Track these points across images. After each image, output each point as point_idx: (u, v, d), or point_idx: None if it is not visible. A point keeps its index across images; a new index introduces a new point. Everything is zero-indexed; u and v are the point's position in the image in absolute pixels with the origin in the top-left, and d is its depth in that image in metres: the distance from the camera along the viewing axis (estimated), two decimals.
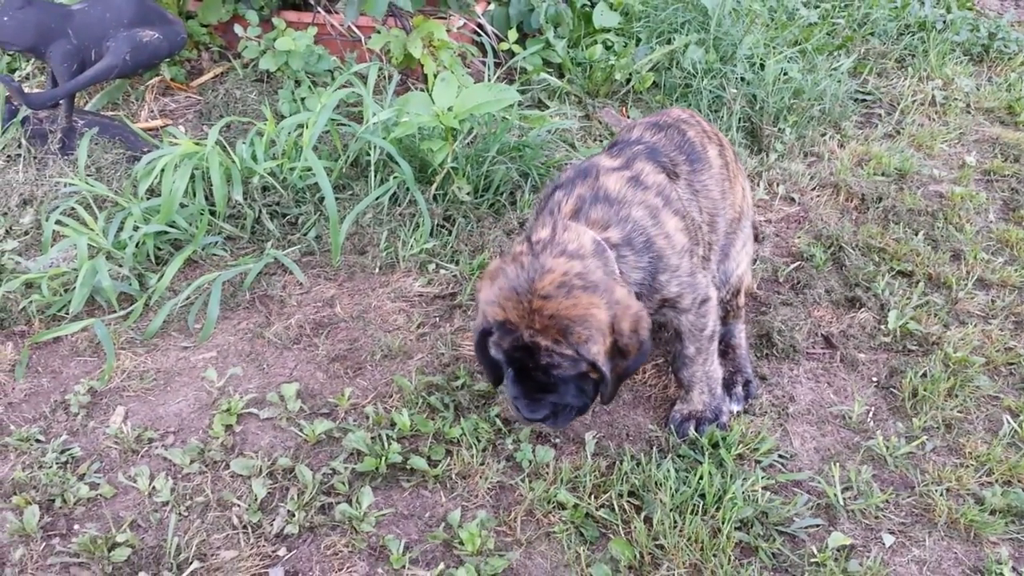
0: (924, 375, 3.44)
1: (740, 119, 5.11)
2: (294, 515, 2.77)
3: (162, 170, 3.78)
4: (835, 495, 2.93)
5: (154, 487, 2.85)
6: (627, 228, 2.78)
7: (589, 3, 5.79)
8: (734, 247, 3.29)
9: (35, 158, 4.30)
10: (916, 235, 4.31)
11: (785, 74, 5.36)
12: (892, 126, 5.47)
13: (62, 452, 2.96)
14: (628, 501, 2.87)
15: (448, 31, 5.09)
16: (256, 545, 2.70)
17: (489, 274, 2.75)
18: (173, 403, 3.21)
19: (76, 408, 3.14)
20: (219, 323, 3.58)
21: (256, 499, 2.82)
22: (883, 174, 4.88)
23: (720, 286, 3.24)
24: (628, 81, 5.44)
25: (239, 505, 2.81)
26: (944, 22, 6.75)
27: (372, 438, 3.05)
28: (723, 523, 2.76)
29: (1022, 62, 6.47)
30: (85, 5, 4.27)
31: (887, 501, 2.94)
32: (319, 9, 5.21)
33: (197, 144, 3.90)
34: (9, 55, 5.26)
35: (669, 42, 5.56)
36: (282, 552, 2.69)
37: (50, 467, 2.88)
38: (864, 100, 5.78)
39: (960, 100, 5.83)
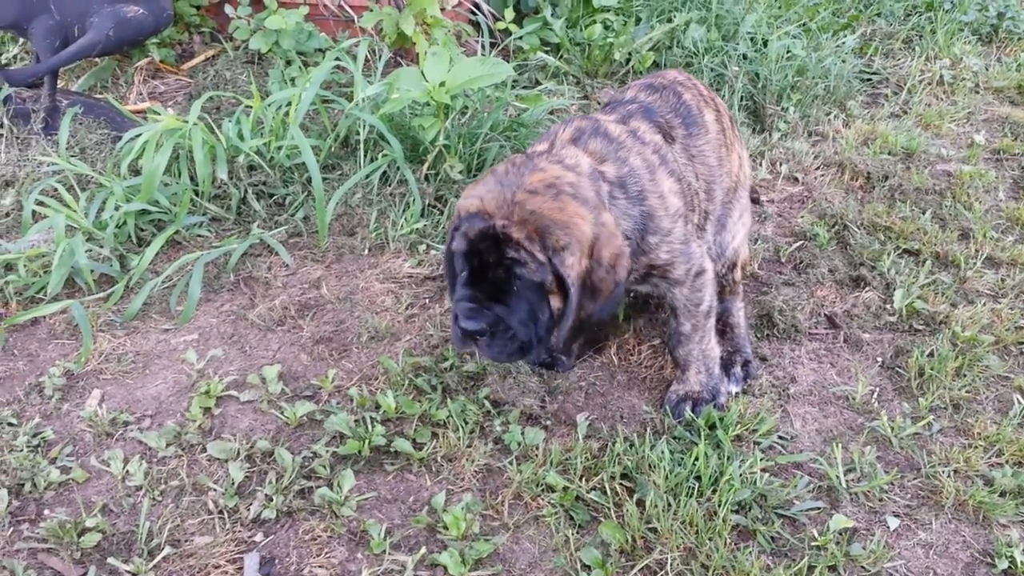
0: (931, 354, 3.31)
1: (742, 97, 4.97)
2: (272, 499, 2.65)
3: (143, 147, 3.67)
4: (837, 477, 2.80)
5: (127, 471, 2.74)
6: (624, 170, 2.66)
7: None
8: (730, 218, 3.16)
9: (17, 138, 4.20)
10: (923, 214, 4.17)
11: (788, 52, 5.22)
12: (899, 105, 5.33)
13: (34, 435, 2.86)
14: (620, 483, 2.74)
15: (442, 9, 4.96)
16: (232, 530, 2.59)
17: (476, 181, 2.60)
18: (151, 386, 3.10)
19: (51, 391, 3.04)
20: (202, 305, 3.47)
21: (233, 483, 2.71)
22: (890, 153, 4.74)
23: (716, 259, 3.10)
24: (628, 61, 5.32)
25: (215, 489, 2.70)
26: (952, 2, 6.61)
27: (355, 421, 2.94)
28: (719, 506, 2.64)
29: None
30: None
31: (892, 483, 2.81)
32: None
33: (180, 120, 3.79)
34: None
35: (670, 20, 5.43)
36: (259, 538, 2.58)
37: (21, 451, 2.78)
38: (870, 79, 5.64)
39: (968, 80, 5.69)
